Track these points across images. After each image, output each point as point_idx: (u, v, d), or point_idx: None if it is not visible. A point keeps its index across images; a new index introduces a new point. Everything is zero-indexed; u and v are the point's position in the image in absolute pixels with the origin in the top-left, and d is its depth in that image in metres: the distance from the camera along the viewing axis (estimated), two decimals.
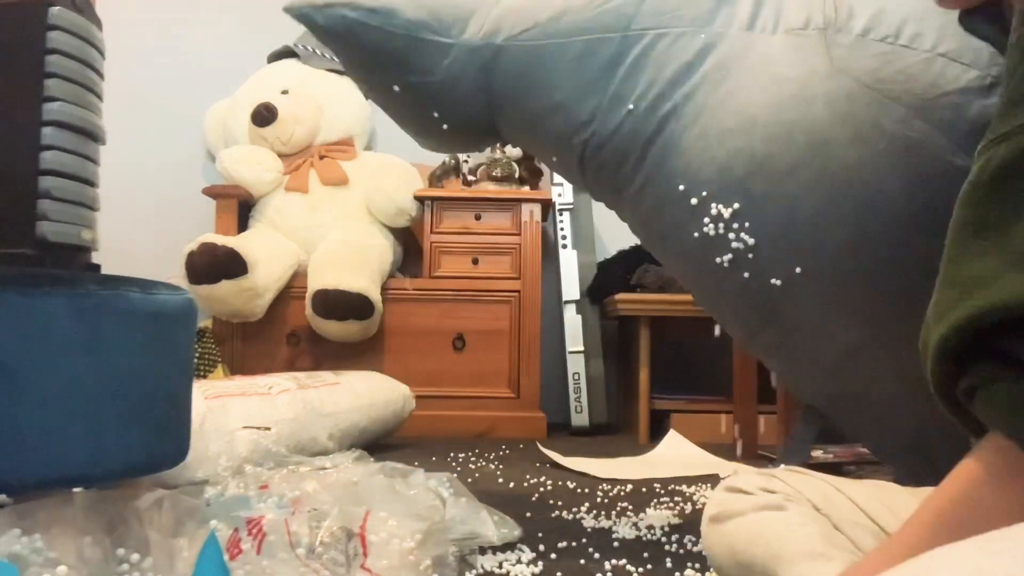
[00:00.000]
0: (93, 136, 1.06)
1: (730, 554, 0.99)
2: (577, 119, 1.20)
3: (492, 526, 1.21)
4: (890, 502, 0.93)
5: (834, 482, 1.02)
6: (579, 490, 1.67)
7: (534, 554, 1.18)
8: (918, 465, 1.20)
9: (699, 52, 1.13)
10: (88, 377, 0.85)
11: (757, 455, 2.13)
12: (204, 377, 2.42)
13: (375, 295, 2.45)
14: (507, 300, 2.68)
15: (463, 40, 1.25)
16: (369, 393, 2.13)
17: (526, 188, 2.81)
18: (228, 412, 1.62)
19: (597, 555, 1.18)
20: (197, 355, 2.46)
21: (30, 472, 0.79)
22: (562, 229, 2.80)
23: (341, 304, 2.40)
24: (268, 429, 1.66)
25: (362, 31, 1.26)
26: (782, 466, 1.11)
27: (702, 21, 1.15)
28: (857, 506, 0.95)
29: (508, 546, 1.20)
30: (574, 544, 1.24)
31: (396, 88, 1.31)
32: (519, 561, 1.14)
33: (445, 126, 1.32)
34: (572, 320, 2.74)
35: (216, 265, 2.31)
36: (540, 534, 1.28)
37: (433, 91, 1.29)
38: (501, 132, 1.35)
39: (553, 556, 1.17)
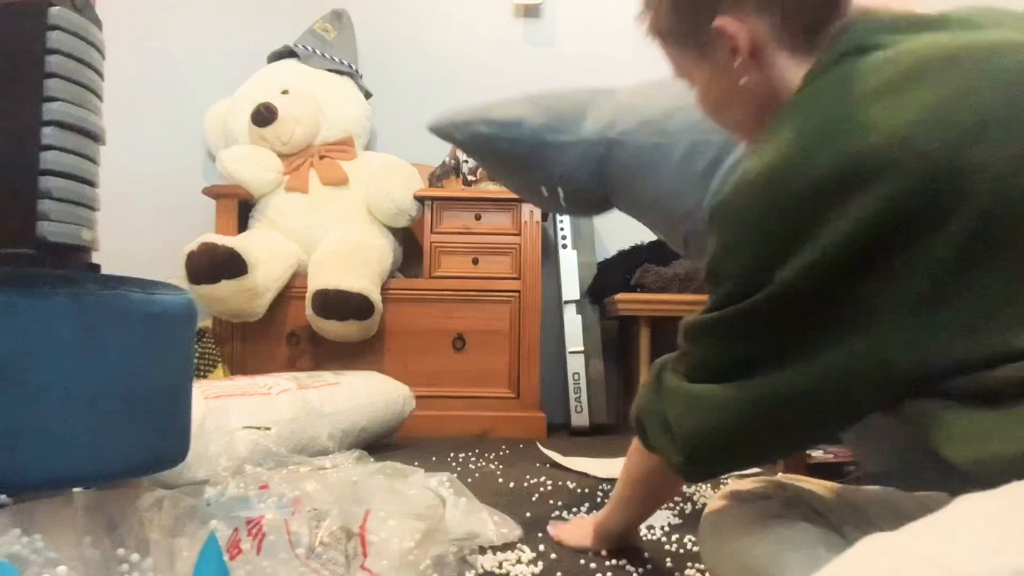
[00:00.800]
0: (93, 136, 1.06)
1: (729, 557, 0.99)
2: (681, 209, 1.32)
3: (492, 526, 1.21)
4: (893, 505, 0.93)
5: (833, 487, 1.02)
6: (579, 490, 1.67)
7: (534, 554, 1.18)
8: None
9: None
10: (88, 377, 0.85)
11: None
12: (204, 377, 2.42)
13: (375, 295, 2.45)
14: (507, 300, 2.68)
15: (582, 135, 1.40)
16: (369, 393, 2.13)
17: None
18: (228, 412, 1.62)
19: (597, 555, 1.18)
20: (197, 355, 2.46)
21: (30, 472, 0.79)
22: (562, 229, 2.79)
23: (341, 304, 2.40)
24: (268, 429, 1.66)
25: (496, 142, 1.44)
26: (779, 474, 1.12)
27: None
28: (858, 509, 0.95)
29: (508, 546, 1.20)
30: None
31: (526, 183, 1.49)
32: (519, 561, 1.14)
33: (564, 204, 1.48)
34: (572, 320, 2.74)
35: (216, 265, 2.31)
36: (540, 534, 1.28)
37: (558, 182, 1.44)
38: (617, 207, 1.49)
39: (553, 556, 1.17)
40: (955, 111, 0.66)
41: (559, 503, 1.53)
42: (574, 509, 1.47)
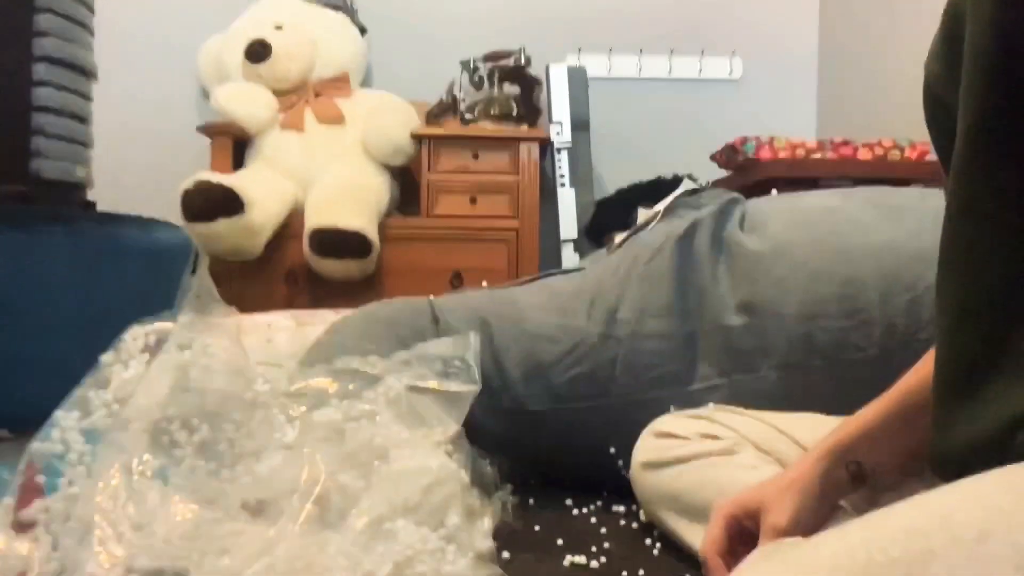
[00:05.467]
0: (85, 72, 1.05)
1: (671, 498, 1.01)
2: None
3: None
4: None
5: (772, 420, 1.03)
6: None
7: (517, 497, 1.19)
8: None
9: None
10: (86, 314, 0.86)
11: None
12: None
13: (372, 234, 2.45)
14: (505, 239, 2.67)
15: None
16: None
17: (524, 127, 2.78)
18: None
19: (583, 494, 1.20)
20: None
21: (29, 408, 0.80)
22: (560, 168, 2.78)
23: (338, 243, 2.39)
24: (280, 366, 1.67)
25: None
26: (711, 404, 1.13)
27: None
28: (799, 445, 0.96)
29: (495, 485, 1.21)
30: (559, 486, 1.26)
31: None
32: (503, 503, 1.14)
33: None
34: (570, 259, 2.74)
35: (212, 203, 2.30)
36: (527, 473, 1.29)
37: None
38: None
39: (533, 499, 1.19)
40: None
41: None
42: None
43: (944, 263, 0.62)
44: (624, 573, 0.95)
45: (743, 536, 0.79)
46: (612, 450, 1.22)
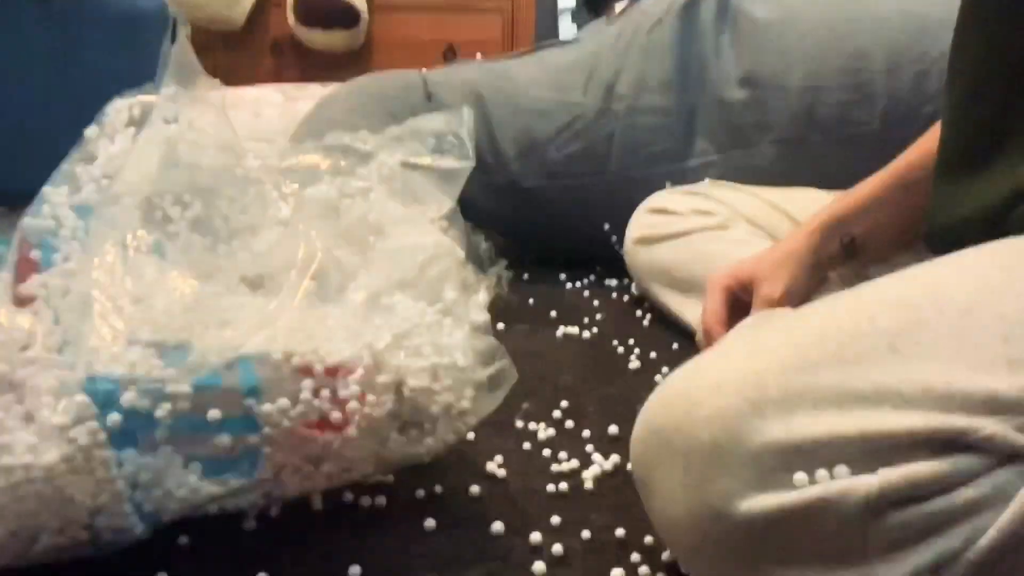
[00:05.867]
0: None
1: (663, 272, 1.03)
2: None
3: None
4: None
5: (766, 195, 1.04)
6: None
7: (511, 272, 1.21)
8: None
9: None
10: (66, 87, 0.83)
11: None
12: None
13: (360, 2, 2.34)
14: (500, 9, 2.56)
15: None
16: None
17: None
18: None
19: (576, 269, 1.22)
20: None
21: (17, 182, 0.79)
22: None
23: (325, 12, 2.29)
24: (270, 142, 1.65)
25: None
26: (707, 180, 1.14)
27: None
28: (792, 219, 0.97)
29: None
30: (552, 262, 1.28)
31: None
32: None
33: None
34: (567, 31, 2.63)
35: None
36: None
37: None
38: None
39: (527, 274, 1.21)
40: None
41: None
42: None
43: (961, 34, 0.59)
44: (615, 343, 0.99)
45: (737, 307, 0.82)
46: (606, 226, 1.23)
